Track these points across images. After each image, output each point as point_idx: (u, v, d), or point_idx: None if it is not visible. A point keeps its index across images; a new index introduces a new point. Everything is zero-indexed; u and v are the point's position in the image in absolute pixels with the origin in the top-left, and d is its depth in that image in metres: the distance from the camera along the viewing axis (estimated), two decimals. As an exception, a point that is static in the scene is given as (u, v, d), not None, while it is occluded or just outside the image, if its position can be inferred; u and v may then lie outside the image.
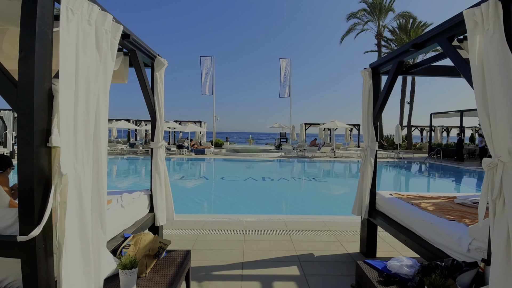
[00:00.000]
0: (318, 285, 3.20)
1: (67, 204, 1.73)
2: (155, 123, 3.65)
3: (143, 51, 3.18)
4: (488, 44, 1.90)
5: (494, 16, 1.90)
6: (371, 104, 3.85)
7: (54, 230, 1.79)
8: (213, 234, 4.74)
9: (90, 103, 1.93)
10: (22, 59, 1.62)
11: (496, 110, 1.85)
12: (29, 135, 1.62)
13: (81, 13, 1.85)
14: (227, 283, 3.22)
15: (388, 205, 3.66)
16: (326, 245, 4.36)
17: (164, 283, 2.27)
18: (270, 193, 9.68)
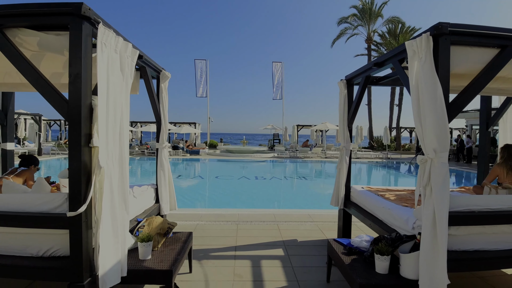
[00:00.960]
0: (299, 262, 3.82)
1: (103, 190, 2.32)
2: (160, 126, 4.23)
3: (151, 67, 3.76)
4: (421, 68, 2.52)
5: (426, 47, 2.52)
6: (346, 111, 4.49)
7: (93, 209, 2.37)
8: (209, 225, 5.32)
9: (116, 113, 2.51)
10: (72, 82, 2.21)
11: (425, 119, 2.48)
12: (77, 138, 2.20)
13: (110, 44, 2.43)
14: (223, 261, 3.82)
15: (360, 196, 4.29)
16: (308, 232, 4.98)
17: (172, 255, 2.86)
18: (262, 191, 10.29)
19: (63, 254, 2.45)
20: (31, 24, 2.34)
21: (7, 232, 2.47)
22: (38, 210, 2.38)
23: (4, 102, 4.48)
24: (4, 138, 4.55)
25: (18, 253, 2.48)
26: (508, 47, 2.60)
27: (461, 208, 2.63)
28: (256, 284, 3.28)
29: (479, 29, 2.54)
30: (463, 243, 2.69)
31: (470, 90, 2.58)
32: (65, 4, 2.18)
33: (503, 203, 2.74)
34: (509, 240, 2.77)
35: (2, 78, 3.47)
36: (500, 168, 3.82)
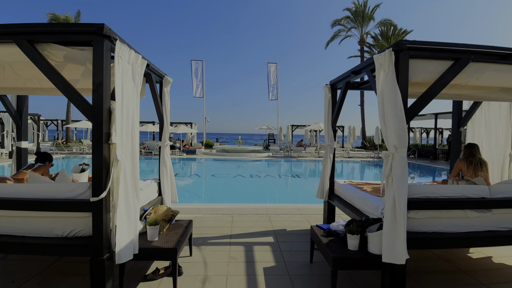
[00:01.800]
0: (287, 247, 4.30)
1: (120, 179, 2.78)
2: (162, 126, 4.69)
3: (155, 73, 4.21)
4: (385, 78, 3.02)
5: (389, 61, 3.02)
6: (330, 112, 4.98)
7: (110, 196, 2.82)
8: (207, 217, 5.79)
9: (129, 115, 2.96)
10: (95, 90, 2.66)
11: (388, 121, 2.97)
12: (100, 136, 2.66)
13: (125, 57, 2.89)
14: (219, 247, 4.30)
15: (342, 189, 4.78)
16: (297, 223, 5.46)
17: (176, 237, 3.32)
18: (257, 188, 10.77)
19: (85, 235, 2.90)
20: (59, 40, 2.79)
21: (36, 216, 2.91)
22: (64, 197, 2.83)
23: (19, 105, 4.91)
24: (19, 137, 4.98)
25: (45, 234, 2.92)
26: (460, 59, 3.11)
27: (420, 196, 3.13)
28: (248, 265, 3.75)
29: (434, 45, 3.04)
30: (422, 225, 3.19)
31: (426, 96, 3.08)
32: (90, 24, 2.64)
33: (456, 191, 3.25)
34: (462, 224, 3.28)
35: (23, 83, 3.91)
36: (462, 163, 4.32)
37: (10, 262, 3.77)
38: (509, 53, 3.17)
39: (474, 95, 3.84)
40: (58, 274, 3.47)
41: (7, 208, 2.83)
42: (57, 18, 24.62)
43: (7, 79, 3.70)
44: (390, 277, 2.94)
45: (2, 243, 2.84)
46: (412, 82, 3.14)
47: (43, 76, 3.37)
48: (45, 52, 2.83)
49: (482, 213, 3.23)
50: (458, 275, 3.62)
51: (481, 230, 3.29)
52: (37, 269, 3.55)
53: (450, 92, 3.67)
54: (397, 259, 2.82)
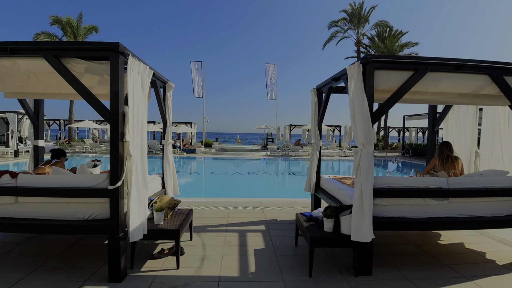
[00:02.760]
0: (276, 234, 4.86)
1: (132, 171, 3.33)
2: (165, 127, 5.24)
3: (159, 80, 4.76)
4: (354, 87, 3.57)
5: (358, 71, 3.57)
6: (316, 114, 5.54)
7: (124, 185, 3.38)
8: (205, 209, 6.34)
9: (139, 117, 3.51)
10: (112, 97, 3.22)
11: (357, 122, 3.52)
12: (116, 136, 3.22)
13: (135, 68, 3.44)
14: (216, 233, 4.86)
15: (326, 183, 5.34)
16: (287, 215, 6.02)
17: (179, 221, 3.88)
18: (254, 184, 11.33)
19: (102, 217, 3.46)
20: (81, 55, 3.34)
21: (61, 202, 3.46)
22: (86, 185, 3.39)
23: (36, 107, 5.47)
24: (36, 136, 5.53)
25: (69, 217, 3.47)
26: (419, 70, 3.66)
27: (385, 185, 3.69)
28: (241, 247, 4.31)
29: (396, 58, 3.60)
30: (388, 211, 3.75)
31: (389, 101, 3.64)
32: (107, 43, 3.19)
33: (417, 182, 3.80)
34: (423, 210, 3.82)
35: (44, 89, 4.47)
36: (436, 160, 4.87)
37: (32, 246, 4.33)
38: (463, 64, 3.73)
39: (435, 99, 4.40)
40: (75, 255, 4.03)
41: (40, 195, 3.38)
42: (60, 20, 25.14)
43: (31, 85, 4.26)
44: (359, 253, 3.49)
45: (34, 225, 3.39)
46: (378, 89, 3.69)
47: (62, 84, 3.95)
48: (69, 65, 3.38)
49: (440, 201, 3.79)
50: (424, 257, 4.17)
51: (440, 216, 3.84)
52: (56, 251, 4.11)
53: (413, 97, 4.22)
54: (363, 238, 3.38)
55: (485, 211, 3.92)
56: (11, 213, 3.50)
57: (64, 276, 3.41)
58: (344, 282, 3.39)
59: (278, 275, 3.51)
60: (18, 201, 3.47)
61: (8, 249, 4.18)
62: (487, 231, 5.15)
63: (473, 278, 3.56)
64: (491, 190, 3.82)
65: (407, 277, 3.54)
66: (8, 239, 4.54)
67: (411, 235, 5.01)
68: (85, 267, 3.63)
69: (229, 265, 3.76)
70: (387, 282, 3.40)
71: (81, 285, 3.21)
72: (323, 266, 3.77)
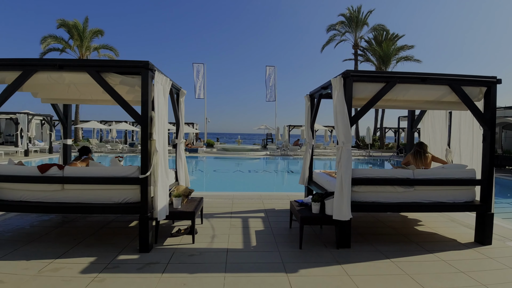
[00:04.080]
0: (273, 219, 5.70)
1: (157, 164, 4.16)
2: (178, 128, 6.07)
3: (175, 87, 5.59)
4: (337, 96, 4.40)
5: (340, 83, 4.40)
6: (309, 116, 6.37)
7: (152, 174, 4.21)
8: (211, 201, 7.16)
9: (162, 121, 4.34)
10: (143, 105, 4.05)
11: (338, 125, 4.36)
12: (145, 135, 4.05)
13: (159, 81, 4.28)
14: (223, 219, 5.69)
15: (317, 177, 6.17)
16: (284, 205, 6.85)
17: (193, 206, 4.71)
18: (254, 181, 12.15)
19: (133, 201, 4.28)
20: (117, 71, 4.17)
21: (99, 189, 4.29)
22: (121, 175, 4.22)
23: (65, 111, 6.30)
24: (65, 136, 6.37)
25: (106, 201, 4.30)
26: (389, 82, 4.49)
27: (362, 176, 4.52)
28: (244, 229, 5.14)
29: (370, 73, 4.43)
30: (364, 197, 4.58)
31: (365, 107, 4.48)
32: (139, 61, 4.02)
33: (388, 173, 4.63)
34: (393, 196, 4.64)
35: (78, 96, 5.31)
36: (410, 156, 5.70)
37: (67, 228, 5.16)
38: (426, 77, 4.56)
39: (406, 106, 5.24)
40: (106, 234, 4.86)
41: (83, 183, 4.22)
42: (66, 23, 25.97)
43: (69, 93, 5.11)
44: (339, 230, 4.33)
45: (78, 207, 4.23)
46: (356, 97, 4.52)
47: (95, 92, 4.82)
48: (107, 78, 4.21)
49: (407, 189, 4.62)
50: (397, 237, 5.01)
51: (408, 201, 4.66)
52: (89, 232, 4.93)
53: (387, 104, 5.06)
54: (343, 217, 4.21)
55: (447, 197, 4.74)
56: (58, 198, 4.32)
57: (102, 248, 4.24)
58: (327, 252, 4.22)
59: (275, 248, 4.35)
60: (64, 188, 4.30)
61: (46, 231, 5.00)
62: (458, 219, 5.97)
63: (434, 252, 4.38)
64: (450, 180, 4.65)
65: (379, 249, 4.38)
66: (44, 224, 5.36)
67: (391, 221, 5.85)
68: (117, 243, 4.45)
69: (234, 241, 4.60)
70: (361, 253, 4.24)
71: (117, 255, 4.04)
72: (311, 243, 4.61)
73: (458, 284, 3.44)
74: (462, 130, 5.63)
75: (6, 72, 4.28)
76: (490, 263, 4.07)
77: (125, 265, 3.74)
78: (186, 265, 3.78)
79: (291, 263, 3.85)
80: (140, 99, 4.11)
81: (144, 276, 3.46)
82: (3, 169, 4.35)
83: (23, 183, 4.25)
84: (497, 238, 4.96)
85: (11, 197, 4.36)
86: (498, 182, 12.62)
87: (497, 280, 3.55)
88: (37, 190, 4.28)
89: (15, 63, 4.22)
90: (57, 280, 3.37)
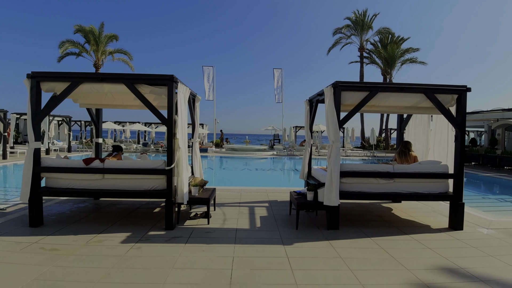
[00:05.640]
0: (276, 208, 6.61)
1: (180, 158, 5.12)
2: (194, 128, 7.02)
3: (192, 94, 6.54)
4: (328, 102, 5.29)
5: (330, 92, 5.29)
6: (308, 119, 7.26)
7: (175, 167, 5.16)
8: (222, 193, 8.10)
9: (183, 123, 5.29)
10: (169, 110, 5.01)
11: (329, 127, 5.24)
12: (171, 135, 5.01)
13: (181, 91, 5.23)
14: (232, 207, 6.63)
15: (315, 172, 7.05)
16: (286, 197, 7.74)
17: (207, 194, 5.65)
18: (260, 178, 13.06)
19: (160, 188, 5.23)
20: (148, 82, 5.14)
21: (133, 178, 5.25)
22: (151, 167, 5.18)
23: (97, 114, 7.32)
24: (97, 135, 7.38)
25: (138, 188, 5.26)
26: (372, 91, 5.35)
27: (349, 169, 5.39)
28: (251, 215, 6.06)
29: (356, 84, 5.31)
30: (352, 187, 5.45)
31: (352, 112, 5.35)
32: (166, 75, 4.98)
33: (372, 168, 5.50)
34: (376, 187, 5.49)
35: (112, 102, 6.31)
36: (396, 154, 6.55)
37: (102, 213, 6.15)
38: (404, 86, 5.41)
39: (388, 110, 6.10)
40: (136, 217, 5.83)
41: (121, 173, 5.19)
42: (83, 29, 27.31)
43: (105, 100, 6.11)
44: (329, 214, 5.21)
45: (115, 192, 5.21)
46: (344, 104, 5.41)
47: (126, 99, 5.80)
48: (140, 88, 5.18)
49: (387, 181, 5.47)
50: (380, 222, 5.86)
51: (388, 191, 5.51)
52: (121, 216, 5.91)
53: (371, 109, 5.92)
54: (332, 203, 5.09)
55: (423, 188, 5.57)
56: (99, 186, 5.30)
57: (134, 227, 5.21)
58: (318, 232, 5.12)
59: (275, 228, 5.26)
60: (104, 177, 5.28)
61: (84, 215, 5.99)
62: (440, 210, 6.77)
63: (410, 234, 5.23)
64: (425, 173, 5.49)
65: (363, 231, 5.25)
66: (80, 210, 6.37)
67: (379, 211, 6.69)
68: (145, 224, 5.42)
69: (242, 223, 5.52)
70: (347, 233, 5.11)
71: (147, 231, 5.00)
72: (307, 225, 5.50)
73: (422, 256, 4.29)
74: (440, 131, 6.45)
75: (56, 83, 5.27)
76: (456, 243, 4.90)
77: (155, 238, 4.69)
78: (203, 238, 4.72)
79: (288, 239, 4.76)
80: (163, 105, 5.09)
81: (171, 245, 4.41)
82: (53, 162, 5.35)
83: (71, 173, 5.24)
84: (470, 225, 5.76)
85: (59, 185, 5.35)
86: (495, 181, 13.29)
87: (457, 255, 4.36)
88: (82, 179, 5.27)
89: (65, 75, 5.22)
90: (103, 248, 4.33)
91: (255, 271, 3.65)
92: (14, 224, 5.29)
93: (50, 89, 5.34)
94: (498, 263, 4.13)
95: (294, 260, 3.97)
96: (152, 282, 3.33)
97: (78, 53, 28.27)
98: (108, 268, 3.64)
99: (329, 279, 3.49)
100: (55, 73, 5.22)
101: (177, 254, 4.07)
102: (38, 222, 5.16)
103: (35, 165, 5.10)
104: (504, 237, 5.18)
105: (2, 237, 4.65)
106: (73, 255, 4.02)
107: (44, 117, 5.42)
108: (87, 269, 3.63)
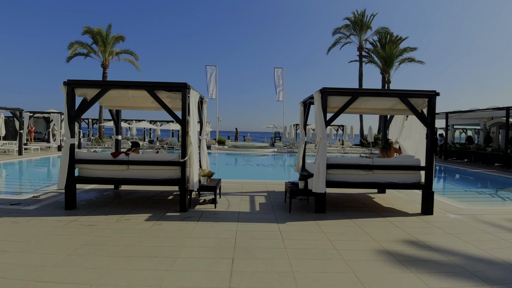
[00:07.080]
0: (273, 197, 7.61)
1: (192, 152, 6.12)
2: (201, 127, 8.01)
3: (200, 97, 7.53)
4: (317, 105, 6.27)
5: (318, 96, 6.26)
6: (302, 119, 8.24)
7: (188, 160, 6.16)
8: (225, 185, 9.09)
9: (194, 122, 6.28)
10: (183, 111, 6.01)
11: (317, 126, 6.22)
12: (184, 132, 6.01)
13: (193, 95, 6.23)
14: (235, 196, 7.64)
15: (309, 166, 8.03)
16: (283, 188, 8.73)
17: (214, 183, 6.65)
18: (261, 173, 14.06)
19: (175, 178, 6.22)
20: (165, 89, 6.13)
21: (152, 169, 6.25)
22: (168, 160, 6.18)
23: (117, 114, 8.33)
24: (116, 132, 8.40)
25: (157, 177, 6.26)
26: (353, 95, 6.31)
27: (334, 162, 6.37)
28: (251, 202, 7.07)
29: (340, 90, 6.28)
30: (337, 178, 6.43)
31: (336, 114, 6.33)
32: (181, 83, 5.97)
33: (354, 161, 6.47)
34: (358, 178, 6.46)
35: (132, 104, 7.32)
36: (379, 149, 7.52)
37: (124, 199, 7.17)
38: (381, 92, 6.38)
39: (368, 112, 7.07)
40: (154, 203, 6.85)
41: (143, 164, 6.19)
42: (91, 30, 28.32)
43: (126, 102, 7.12)
44: (317, 200, 6.20)
45: (138, 180, 6.22)
46: (331, 106, 6.38)
47: (145, 102, 6.80)
48: (158, 93, 6.17)
49: (368, 172, 6.44)
50: (362, 208, 6.84)
51: (368, 181, 6.48)
52: (141, 202, 6.93)
53: (354, 111, 6.89)
54: (319, 190, 6.07)
55: (398, 179, 6.54)
56: (124, 175, 6.32)
57: (153, 210, 6.22)
58: (308, 215, 6.12)
59: (272, 212, 6.26)
60: (129, 168, 6.29)
61: (109, 201, 7.01)
62: (418, 199, 7.74)
63: (386, 217, 6.20)
64: (400, 166, 6.45)
65: (346, 215, 6.23)
66: (104, 197, 7.39)
67: (363, 199, 7.67)
68: (162, 207, 6.43)
69: (244, 208, 6.52)
70: (332, 216, 6.10)
71: (165, 213, 6.00)
72: (299, 210, 6.50)
73: (390, 232, 5.26)
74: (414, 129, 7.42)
75: (88, 89, 6.27)
76: (422, 224, 5.86)
77: (172, 217, 5.71)
78: (212, 218, 5.73)
79: (281, 219, 5.76)
80: (176, 106, 6.08)
81: (186, 222, 5.42)
82: (86, 155, 6.36)
83: (102, 164, 6.26)
84: (441, 212, 6.70)
85: (90, 175, 6.37)
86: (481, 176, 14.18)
87: (420, 232, 5.30)
88: (110, 169, 6.29)
89: (96, 83, 6.24)
90: (131, 223, 5.35)
91: (254, 240, 4.66)
92: (51, 208, 6.30)
93: (82, 94, 6.34)
94: (454, 239, 5.07)
95: (285, 233, 4.97)
96: (175, 246, 4.34)
97: (86, 53, 29.28)
98: (138, 237, 4.66)
99: (310, 245, 4.50)
100: (87, 81, 6.22)
101: (191, 228, 5.09)
102: (72, 205, 6.17)
103: (71, 158, 6.12)
104: (468, 221, 6.09)
105: (45, 217, 5.66)
106: (108, 229, 5.04)
107: (78, 118, 6.43)
108: (123, 237, 4.65)
